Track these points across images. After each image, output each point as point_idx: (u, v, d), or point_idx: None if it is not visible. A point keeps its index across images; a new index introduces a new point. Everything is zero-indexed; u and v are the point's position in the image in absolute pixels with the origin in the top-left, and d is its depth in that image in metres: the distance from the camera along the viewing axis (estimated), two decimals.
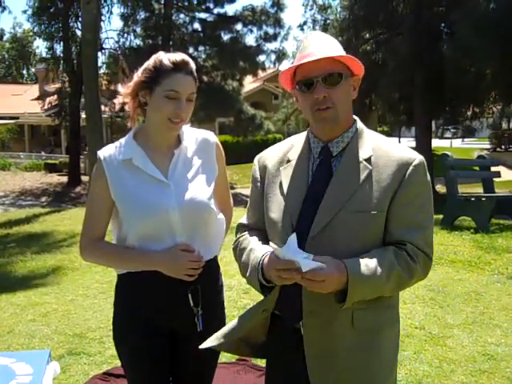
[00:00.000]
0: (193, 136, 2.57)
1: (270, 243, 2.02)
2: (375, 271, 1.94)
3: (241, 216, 2.46)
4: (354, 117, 2.19)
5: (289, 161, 2.21)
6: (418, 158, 2.07)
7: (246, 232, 2.33)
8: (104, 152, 2.48)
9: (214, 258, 2.57)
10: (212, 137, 2.61)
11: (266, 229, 2.23)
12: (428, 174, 2.12)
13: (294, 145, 2.26)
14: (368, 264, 1.95)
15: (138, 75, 2.45)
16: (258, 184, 2.30)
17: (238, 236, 2.37)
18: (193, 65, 2.45)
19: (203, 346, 2.29)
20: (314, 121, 2.10)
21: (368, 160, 2.07)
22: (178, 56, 2.42)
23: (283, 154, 2.25)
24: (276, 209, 2.17)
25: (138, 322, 2.49)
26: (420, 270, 2.04)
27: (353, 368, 2.06)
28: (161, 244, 2.42)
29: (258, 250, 2.13)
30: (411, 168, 2.04)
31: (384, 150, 2.09)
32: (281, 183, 2.19)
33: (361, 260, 1.96)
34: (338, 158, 2.11)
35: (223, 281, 2.69)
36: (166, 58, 2.41)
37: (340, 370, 2.06)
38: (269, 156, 2.30)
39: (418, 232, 2.03)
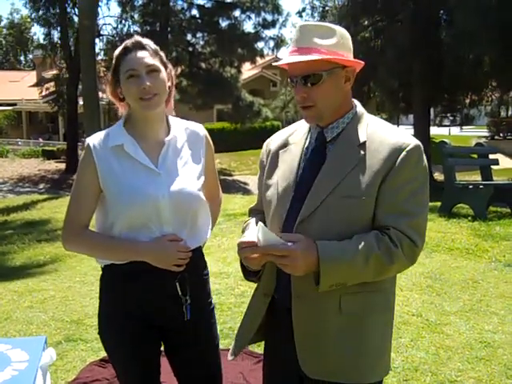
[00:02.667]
0: (182, 127, 2.55)
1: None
2: (350, 253, 1.94)
3: (239, 203, 2.47)
4: (355, 102, 2.17)
5: (289, 144, 2.25)
6: (413, 143, 2.02)
7: (252, 215, 2.41)
8: (93, 139, 2.44)
9: (199, 247, 2.56)
10: (202, 130, 2.61)
11: (264, 210, 2.28)
12: (425, 160, 2.06)
13: (297, 129, 2.29)
14: (342, 246, 1.95)
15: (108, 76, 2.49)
16: (263, 167, 2.34)
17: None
18: (147, 41, 2.42)
19: (230, 358, 2.37)
20: (303, 116, 2.15)
21: (361, 145, 2.04)
22: (130, 40, 2.43)
23: (286, 138, 2.28)
24: (271, 191, 2.21)
25: (124, 315, 2.46)
26: (403, 256, 1.98)
27: (339, 352, 2.07)
28: (147, 233, 2.39)
29: (244, 234, 2.18)
30: (404, 153, 1.99)
31: (379, 135, 2.06)
32: (278, 166, 2.23)
33: (335, 242, 1.97)
34: (332, 144, 2.12)
35: (212, 268, 2.68)
36: (119, 47, 2.43)
37: (326, 353, 2.08)
38: (274, 140, 2.34)
39: (404, 218, 1.98)
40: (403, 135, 2.06)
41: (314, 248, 1.94)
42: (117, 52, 2.41)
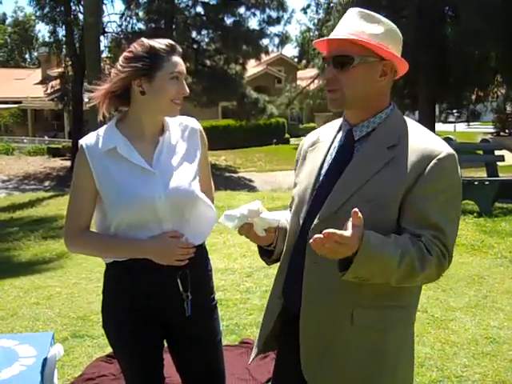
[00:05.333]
0: (176, 123, 2.54)
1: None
2: (390, 248, 1.79)
3: (244, 200, 2.46)
4: (391, 105, 2.04)
5: (318, 142, 2.18)
6: (446, 151, 1.88)
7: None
8: (86, 141, 2.44)
9: (201, 243, 2.56)
10: (196, 124, 2.60)
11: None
12: (458, 171, 1.92)
13: (329, 127, 2.20)
14: (383, 238, 1.80)
15: (123, 65, 2.38)
16: (296, 165, 2.29)
17: None
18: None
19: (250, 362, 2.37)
20: (327, 101, 2.05)
21: (391, 148, 1.92)
22: (167, 40, 2.43)
23: (317, 136, 2.21)
24: (296, 189, 2.17)
25: (127, 310, 2.48)
26: (434, 267, 1.84)
27: (346, 366, 1.99)
28: (147, 232, 2.40)
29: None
30: (434, 161, 1.86)
31: (411, 140, 1.93)
32: (305, 164, 2.18)
33: (376, 233, 1.80)
34: (361, 143, 2.01)
35: (217, 265, 2.68)
36: (156, 43, 2.40)
37: (332, 366, 2.00)
38: (308, 137, 2.28)
39: (433, 231, 1.84)
40: (436, 142, 1.93)
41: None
42: (160, 46, 2.39)
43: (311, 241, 1.72)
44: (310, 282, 2.01)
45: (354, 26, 1.96)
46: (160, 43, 2.40)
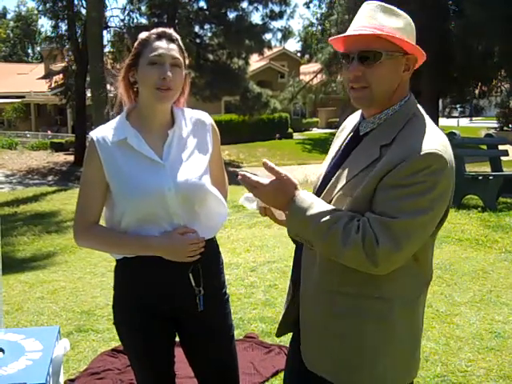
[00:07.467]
0: (187, 116, 2.52)
1: None
2: (321, 211, 1.84)
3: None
4: (408, 99, 1.98)
5: (344, 129, 2.19)
6: (429, 150, 1.77)
7: None
8: (96, 133, 2.41)
9: (212, 237, 2.54)
10: (207, 118, 2.57)
11: None
12: (436, 172, 1.79)
13: (358, 114, 2.14)
14: (316, 202, 1.88)
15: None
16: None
17: None
18: (177, 35, 2.42)
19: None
20: (351, 99, 1.98)
21: (385, 146, 1.86)
22: (160, 28, 2.41)
23: (347, 122, 2.21)
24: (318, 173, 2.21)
25: (138, 307, 2.47)
26: (360, 247, 1.77)
27: (320, 348, 2.03)
28: (157, 227, 2.37)
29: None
30: (410, 157, 1.77)
31: (402, 139, 1.85)
32: (330, 149, 2.20)
33: (317, 201, 1.89)
34: (365, 138, 1.97)
35: (223, 259, 2.66)
36: (147, 32, 2.40)
37: (312, 346, 2.06)
38: (344, 122, 2.25)
39: (378, 215, 1.79)
40: (428, 141, 1.80)
41: (291, 190, 1.90)
42: (144, 35, 2.38)
43: (239, 177, 1.97)
44: (305, 268, 2.06)
45: (376, 20, 1.90)
46: (150, 32, 2.39)
